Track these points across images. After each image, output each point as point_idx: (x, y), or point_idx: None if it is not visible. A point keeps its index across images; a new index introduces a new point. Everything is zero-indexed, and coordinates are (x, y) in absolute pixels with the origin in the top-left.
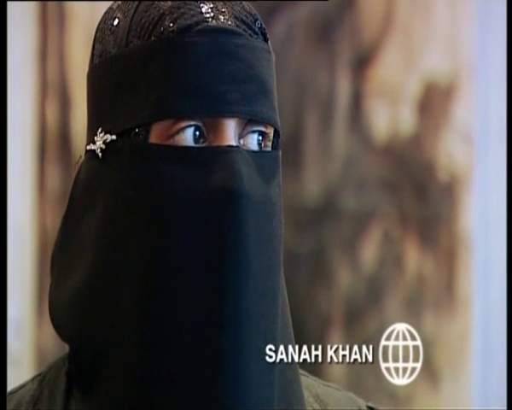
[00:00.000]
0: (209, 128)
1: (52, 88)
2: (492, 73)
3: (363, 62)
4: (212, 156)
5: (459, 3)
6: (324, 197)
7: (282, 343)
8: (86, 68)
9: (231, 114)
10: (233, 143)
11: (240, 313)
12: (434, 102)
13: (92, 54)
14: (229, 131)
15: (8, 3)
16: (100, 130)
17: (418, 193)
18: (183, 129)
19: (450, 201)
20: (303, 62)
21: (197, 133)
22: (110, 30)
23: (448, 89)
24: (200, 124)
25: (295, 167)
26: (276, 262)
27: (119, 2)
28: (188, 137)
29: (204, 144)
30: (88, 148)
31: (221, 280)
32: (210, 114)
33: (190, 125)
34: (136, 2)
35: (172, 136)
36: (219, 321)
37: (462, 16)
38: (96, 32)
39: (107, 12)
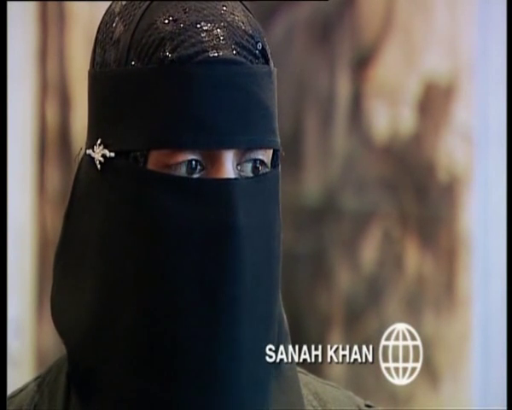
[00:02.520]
0: (207, 158)
1: (52, 88)
2: (492, 73)
3: (363, 62)
4: (208, 189)
5: (459, 3)
6: (324, 197)
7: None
8: (86, 68)
9: (230, 146)
10: (231, 175)
11: (235, 343)
12: (434, 102)
13: (93, 57)
14: (228, 163)
15: (8, 3)
16: (99, 141)
17: (418, 193)
18: (182, 160)
19: (450, 201)
20: (303, 62)
21: (195, 162)
22: (111, 39)
23: (448, 89)
24: (198, 155)
25: (295, 167)
26: (275, 284)
27: (121, 4)
28: (187, 168)
29: (202, 173)
30: (88, 152)
31: (217, 311)
32: (209, 146)
33: (190, 159)
34: (138, 16)
35: (170, 165)
36: (215, 351)
37: (462, 16)
38: (98, 33)
39: (108, 13)
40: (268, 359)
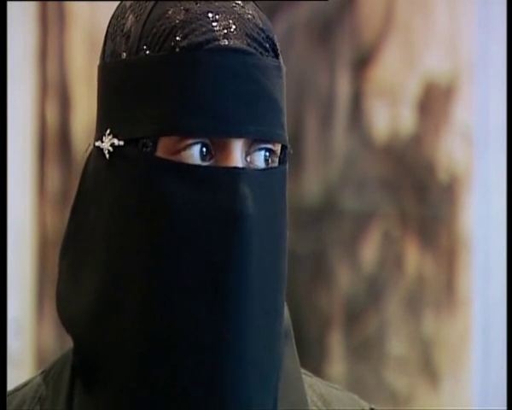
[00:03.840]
0: (216, 146)
1: (52, 88)
2: (492, 73)
3: (363, 62)
4: (217, 177)
5: (459, 3)
6: (324, 197)
7: (280, 351)
8: (86, 68)
9: (239, 135)
10: (239, 164)
11: (242, 333)
12: (434, 102)
13: (104, 49)
14: (236, 152)
15: (8, 3)
16: (108, 131)
17: (418, 193)
18: (189, 145)
19: (450, 201)
20: (303, 62)
21: (204, 150)
22: (122, 30)
23: (448, 89)
24: (207, 141)
25: (295, 167)
26: (281, 278)
27: (132, 1)
28: (194, 153)
29: (211, 161)
30: (96, 144)
31: (222, 300)
32: (217, 134)
33: (197, 143)
34: (149, 7)
35: (179, 151)
36: (221, 338)
37: (462, 16)
38: (108, 27)
39: (119, 8)
40: (273, 354)
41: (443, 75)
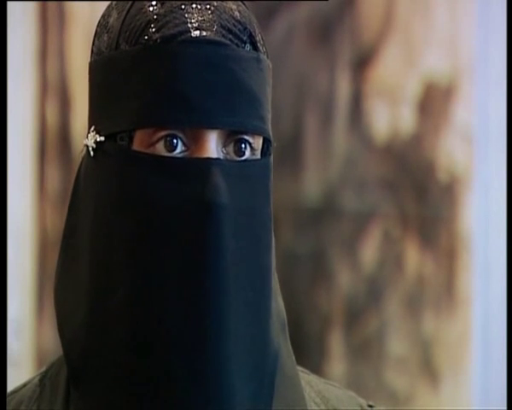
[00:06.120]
0: (190, 137)
1: (52, 88)
2: (492, 73)
3: (363, 62)
4: (190, 168)
5: (459, 3)
6: (324, 197)
7: (273, 346)
8: (86, 68)
9: (212, 126)
10: (214, 154)
11: (219, 324)
12: (434, 102)
13: (92, 49)
14: (211, 143)
15: (8, 3)
16: (92, 128)
17: (418, 193)
18: (163, 137)
19: (450, 201)
20: (303, 62)
21: (178, 142)
22: (106, 28)
23: (448, 89)
24: (181, 133)
25: (295, 167)
26: (264, 269)
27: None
28: (169, 145)
29: (185, 153)
30: (84, 142)
31: (197, 290)
32: (191, 125)
33: (171, 134)
34: (130, 3)
35: (153, 144)
36: (197, 333)
37: (462, 16)
38: (97, 27)
39: (107, 8)
40: (262, 348)
41: (443, 75)
